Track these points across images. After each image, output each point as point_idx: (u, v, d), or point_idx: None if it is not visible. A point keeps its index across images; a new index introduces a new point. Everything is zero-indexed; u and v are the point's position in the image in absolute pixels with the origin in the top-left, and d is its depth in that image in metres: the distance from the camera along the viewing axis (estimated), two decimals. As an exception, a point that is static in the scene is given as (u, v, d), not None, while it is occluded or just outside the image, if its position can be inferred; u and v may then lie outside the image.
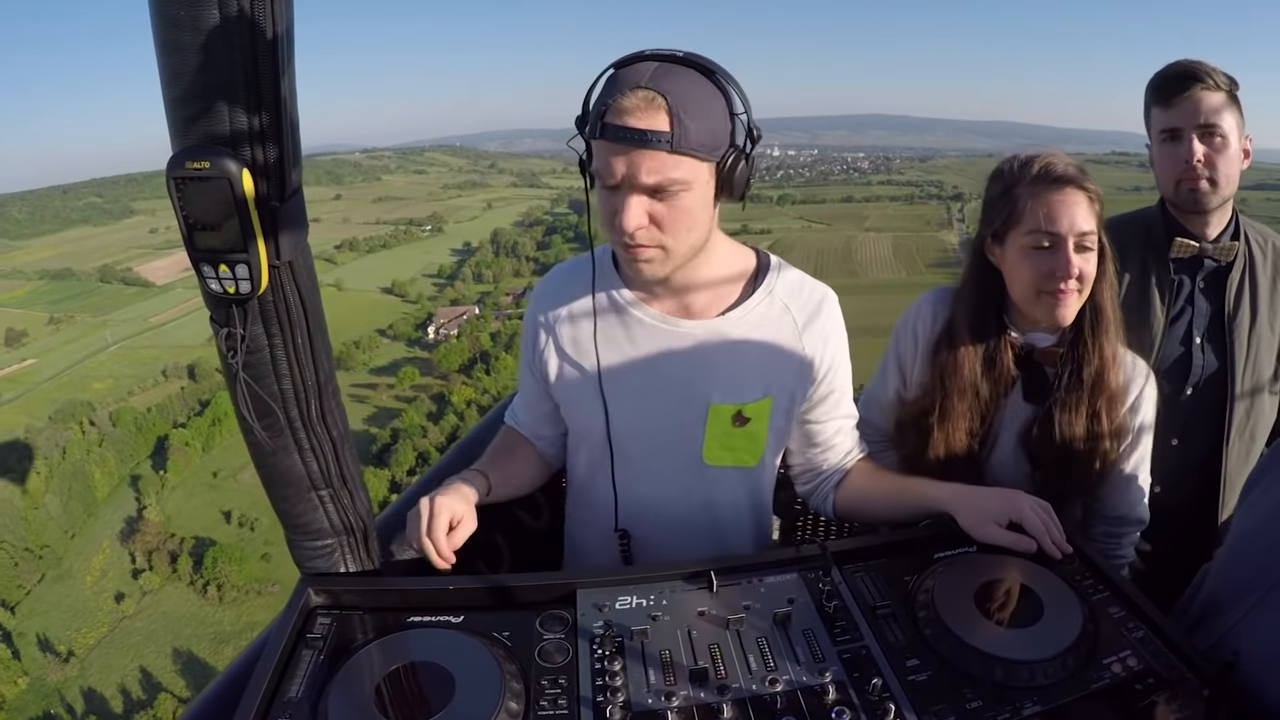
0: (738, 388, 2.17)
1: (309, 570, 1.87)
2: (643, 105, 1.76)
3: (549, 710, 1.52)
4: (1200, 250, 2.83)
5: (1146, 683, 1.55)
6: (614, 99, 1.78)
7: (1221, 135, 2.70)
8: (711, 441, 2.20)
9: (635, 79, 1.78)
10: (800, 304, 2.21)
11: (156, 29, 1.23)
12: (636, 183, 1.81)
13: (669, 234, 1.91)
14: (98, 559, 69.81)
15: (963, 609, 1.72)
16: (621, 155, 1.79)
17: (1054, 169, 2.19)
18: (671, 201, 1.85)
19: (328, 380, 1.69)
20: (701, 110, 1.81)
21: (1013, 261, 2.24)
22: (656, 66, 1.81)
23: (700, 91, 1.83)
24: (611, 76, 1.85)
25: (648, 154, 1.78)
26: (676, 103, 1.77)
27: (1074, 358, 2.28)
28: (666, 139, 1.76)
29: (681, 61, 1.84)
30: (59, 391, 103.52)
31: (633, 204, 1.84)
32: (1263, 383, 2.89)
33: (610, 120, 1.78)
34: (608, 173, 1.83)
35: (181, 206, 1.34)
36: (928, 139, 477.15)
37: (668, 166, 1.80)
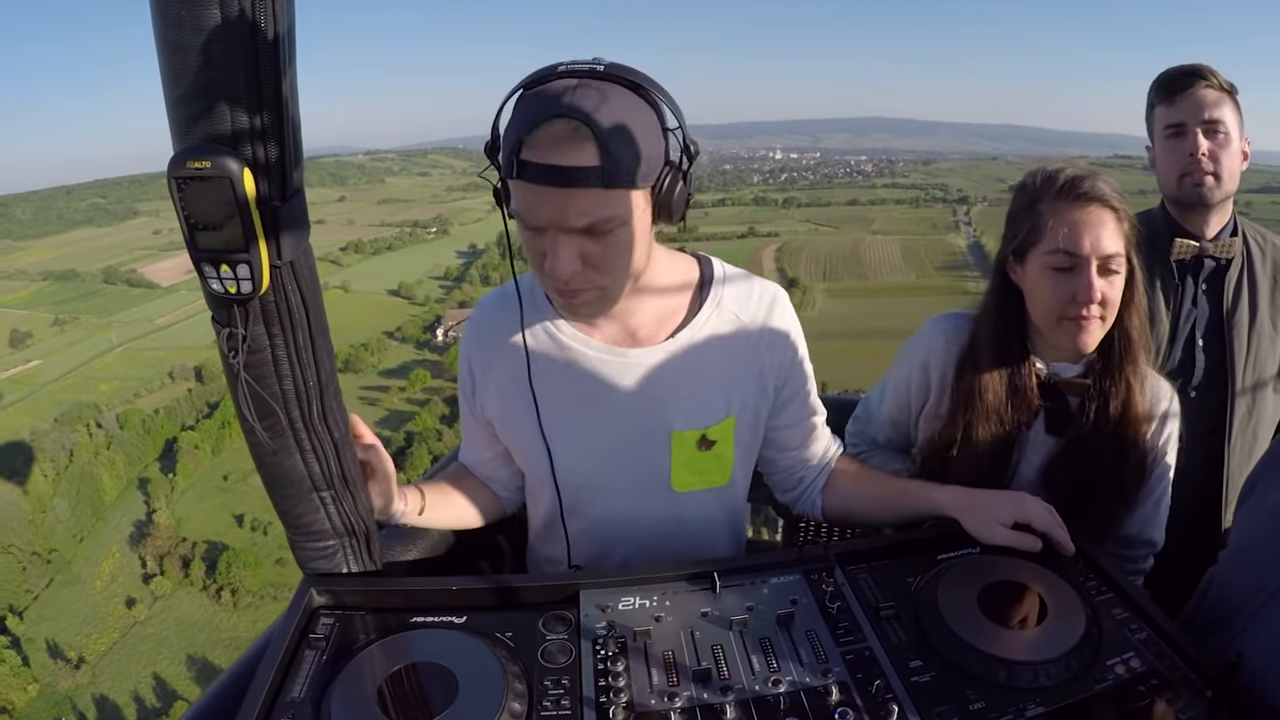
0: (699, 411, 2.07)
1: (311, 571, 1.87)
2: (565, 137, 1.57)
3: (552, 711, 1.52)
4: (1200, 250, 2.84)
5: (1150, 684, 1.54)
6: (530, 131, 1.58)
7: (1224, 131, 2.73)
8: (679, 469, 2.11)
9: (552, 105, 1.58)
10: (750, 311, 2.10)
11: (157, 28, 1.22)
12: (566, 226, 1.64)
13: (606, 274, 1.76)
14: (107, 563, 69.19)
15: (966, 610, 1.72)
16: (546, 198, 1.62)
17: (1079, 184, 2.06)
18: (606, 240, 1.69)
19: (329, 381, 1.68)
20: (631, 133, 1.62)
21: (1033, 281, 2.15)
22: (575, 86, 1.60)
23: (628, 111, 1.63)
24: (523, 101, 1.64)
25: (576, 194, 1.60)
26: (603, 130, 1.57)
27: (1101, 391, 2.18)
28: (596, 175, 1.58)
29: (603, 77, 1.63)
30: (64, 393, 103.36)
31: (563, 248, 1.68)
32: (1264, 380, 2.90)
33: (528, 158, 1.59)
34: (532, 216, 1.66)
35: (183, 206, 1.33)
36: (930, 142, 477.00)
37: (600, 205, 1.63)
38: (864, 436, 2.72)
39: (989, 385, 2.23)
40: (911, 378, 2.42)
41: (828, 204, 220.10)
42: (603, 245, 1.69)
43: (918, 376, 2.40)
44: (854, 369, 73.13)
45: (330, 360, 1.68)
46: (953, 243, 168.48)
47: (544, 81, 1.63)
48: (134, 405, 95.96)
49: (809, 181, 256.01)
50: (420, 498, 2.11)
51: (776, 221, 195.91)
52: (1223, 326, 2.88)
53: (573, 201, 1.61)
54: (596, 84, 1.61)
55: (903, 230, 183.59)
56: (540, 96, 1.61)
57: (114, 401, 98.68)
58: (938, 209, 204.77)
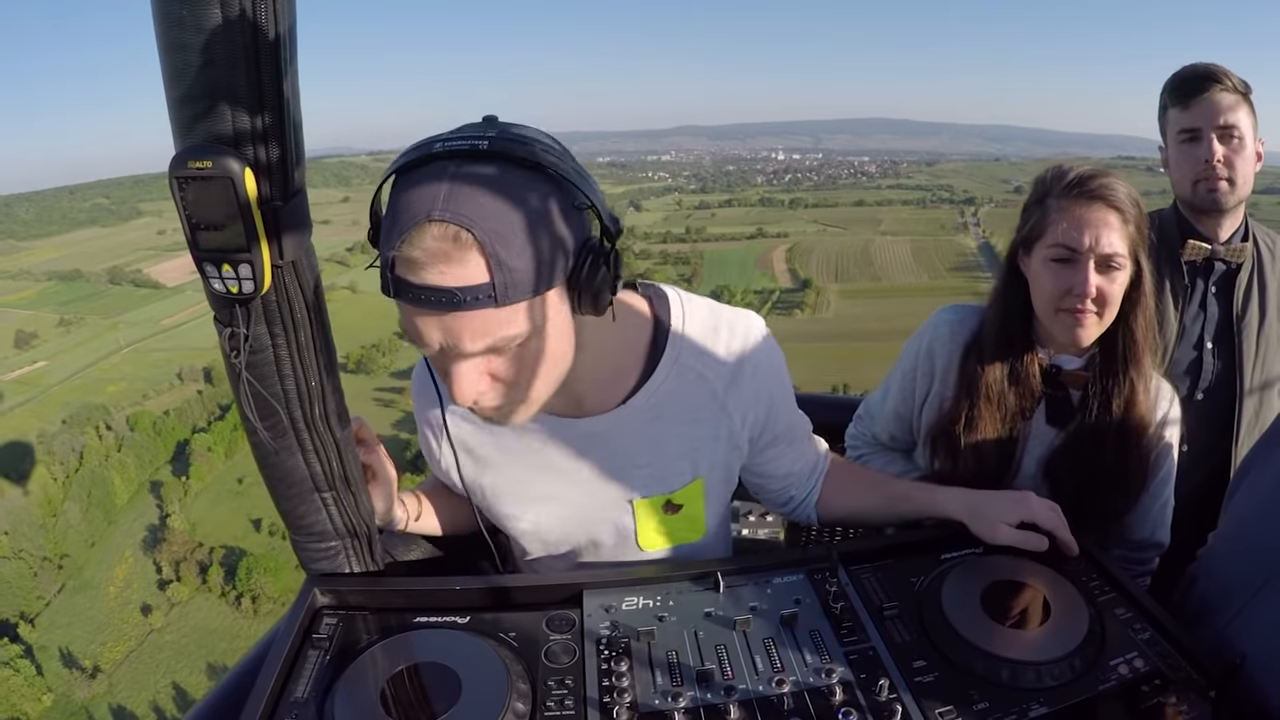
0: (661, 477, 1.93)
1: (314, 571, 1.87)
2: (445, 250, 1.32)
3: (555, 711, 1.52)
4: (1212, 253, 2.84)
5: (1153, 684, 1.54)
6: (403, 241, 1.33)
7: (1239, 136, 2.72)
8: (646, 533, 2.00)
9: (427, 204, 1.32)
10: (715, 366, 1.87)
11: (158, 28, 1.22)
12: (460, 352, 1.43)
13: (520, 388, 1.54)
14: (120, 569, 68.32)
15: (969, 610, 1.71)
16: (430, 322, 1.40)
17: (1087, 182, 2.10)
18: (514, 354, 1.48)
19: (331, 381, 1.68)
20: (529, 229, 1.36)
21: (1035, 273, 2.19)
22: (451, 179, 1.33)
23: (523, 199, 1.36)
24: (397, 193, 1.40)
25: (466, 316, 1.37)
26: (491, 234, 1.32)
27: (1102, 387, 2.21)
28: (488, 294, 1.34)
29: (489, 157, 1.36)
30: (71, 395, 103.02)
31: (463, 373, 1.47)
32: (1272, 382, 2.89)
33: (404, 275, 1.36)
34: (420, 340, 1.45)
35: (184, 206, 1.33)
36: (932, 143, 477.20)
37: (498, 325, 1.40)
38: (865, 437, 2.73)
39: (991, 371, 2.27)
40: (917, 366, 2.46)
41: (834, 205, 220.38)
42: (511, 360, 1.49)
43: (923, 364, 2.44)
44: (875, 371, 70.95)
45: (332, 360, 1.68)
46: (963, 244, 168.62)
47: (420, 164, 1.37)
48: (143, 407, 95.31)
49: (813, 182, 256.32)
50: (418, 503, 2.09)
51: (784, 222, 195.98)
52: (1231, 328, 2.87)
53: (464, 325, 1.38)
54: (481, 169, 1.35)
55: (911, 231, 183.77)
56: (415, 192, 1.35)
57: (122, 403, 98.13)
58: (945, 210, 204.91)
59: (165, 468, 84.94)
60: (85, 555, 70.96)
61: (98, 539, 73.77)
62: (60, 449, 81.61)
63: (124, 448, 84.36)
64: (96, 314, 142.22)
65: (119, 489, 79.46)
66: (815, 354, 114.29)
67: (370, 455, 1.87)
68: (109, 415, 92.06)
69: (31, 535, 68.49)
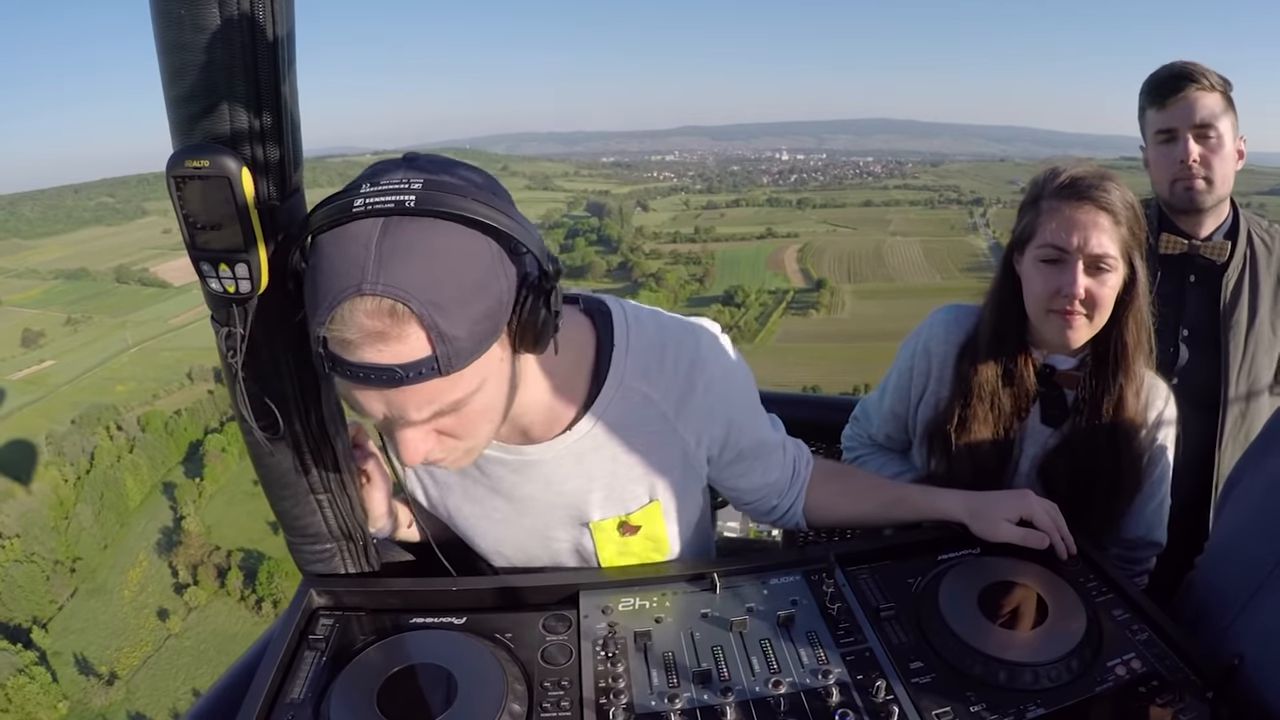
0: (615, 498, 1.88)
1: (310, 572, 1.87)
2: (381, 330, 1.24)
3: (552, 712, 1.52)
4: (1190, 248, 2.83)
5: (1150, 685, 1.54)
6: (333, 318, 1.24)
7: (1217, 135, 2.73)
8: (607, 556, 1.96)
9: (356, 276, 1.22)
10: (662, 387, 1.80)
11: (157, 28, 1.22)
12: (408, 421, 1.39)
13: (468, 438, 1.51)
14: (134, 572, 67.34)
15: (966, 611, 1.71)
16: (373, 397, 1.35)
17: (1078, 183, 2.11)
18: (460, 413, 1.43)
19: (327, 383, 1.68)
20: (466, 292, 1.29)
21: (1026, 273, 2.21)
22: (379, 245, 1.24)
23: (460, 259, 1.29)
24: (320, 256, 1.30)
25: (408, 392, 1.32)
26: (429, 307, 1.24)
27: (1094, 387, 2.22)
28: (430, 366, 1.28)
29: (414, 214, 1.26)
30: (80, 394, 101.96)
31: (410, 438, 1.43)
32: (1260, 386, 2.88)
33: (339, 354, 1.28)
34: (363, 412, 1.40)
35: (182, 206, 1.33)
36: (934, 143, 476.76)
37: (442, 393, 1.35)
38: (862, 438, 2.74)
39: (985, 370, 2.28)
40: (913, 366, 2.47)
41: (842, 205, 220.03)
42: (458, 418, 1.44)
43: (918, 364, 2.45)
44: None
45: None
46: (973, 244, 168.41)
47: (340, 221, 1.28)
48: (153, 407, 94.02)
49: (819, 183, 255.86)
50: (409, 512, 2.05)
51: (793, 222, 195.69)
52: (1218, 327, 2.87)
53: (408, 398, 1.33)
54: (410, 231, 1.26)
55: (921, 232, 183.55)
56: (340, 260, 1.25)
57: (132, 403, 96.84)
58: (953, 210, 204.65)
59: (178, 469, 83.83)
60: (98, 558, 69.79)
61: (110, 541, 72.61)
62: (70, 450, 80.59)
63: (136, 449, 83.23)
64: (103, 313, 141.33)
65: (131, 491, 78.40)
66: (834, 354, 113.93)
67: (367, 461, 1.86)
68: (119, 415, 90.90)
69: (43, 538, 67.45)
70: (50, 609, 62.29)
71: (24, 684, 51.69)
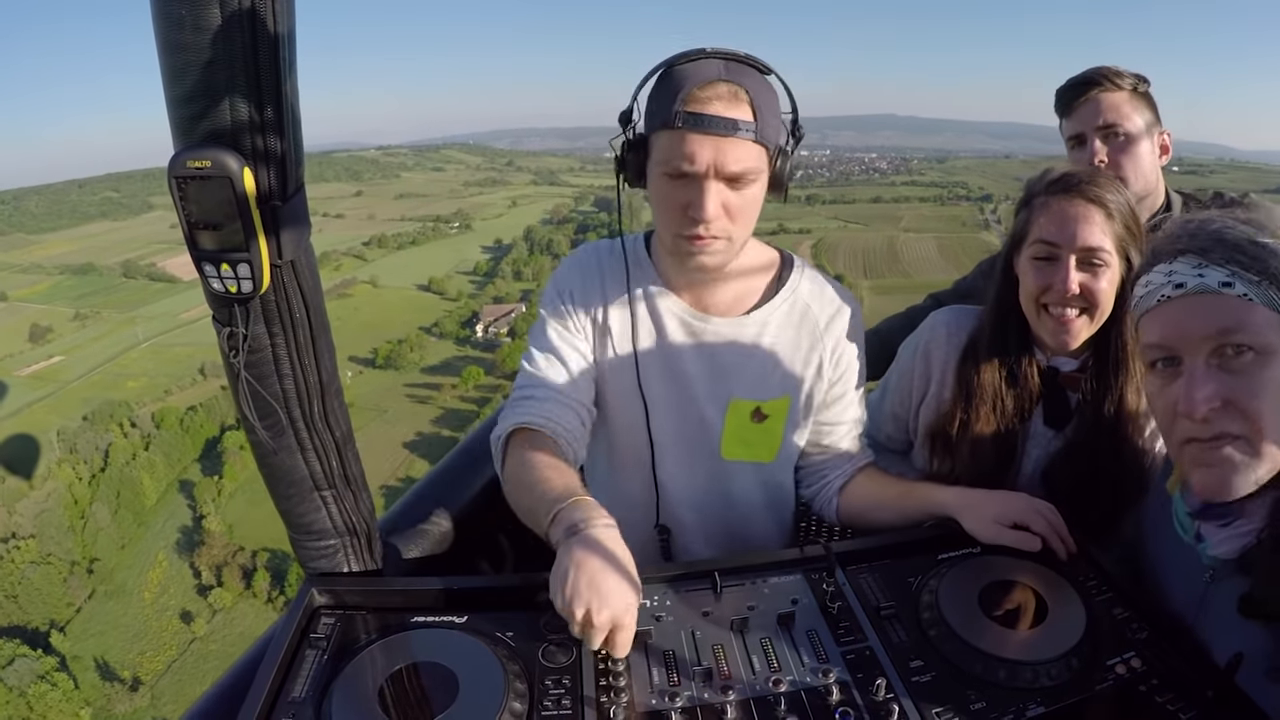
0: (758, 385, 2.21)
1: (312, 570, 1.87)
2: (726, 96, 1.82)
3: (553, 710, 1.52)
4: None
5: (1150, 684, 1.55)
6: (693, 90, 1.82)
7: (1124, 134, 2.71)
8: (729, 437, 2.23)
9: (712, 73, 1.84)
10: (822, 306, 2.26)
11: (158, 28, 1.23)
12: (723, 171, 1.84)
13: (737, 224, 1.95)
14: (154, 573, 65.41)
15: (966, 610, 1.72)
16: (707, 143, 1.82)
17: (1070, 179, 2.11)
18: (743, 191, 1.90)
19: (330, 380, 1.69)
20: (770, 106, 1.89)
21: (1021, 272, 2.19)
22: (727, 65, 1.86)
23: (767, 89, 1.90)
24: (677, 71, 1.87)
25: (734, 142, 1.82)
26: (756, 96, 1.84)
27: (1096, 389, 2.20)
28: (751, 129, 1.82)
29: (743, 60, 1.88)
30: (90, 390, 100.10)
31: (712, 191, 1.86)
32: None
33: (695, 109, 1.81)
34: (689, 161, 1.84)
35: (183, 205, 1.34)
36: (937, 140, 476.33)
37: (749, 156, 1.85)
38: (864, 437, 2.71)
39: (988, 373, 2.27)
40: (914, 367, 2.46)
41: (852, 201, 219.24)
42: (740, 196, 1.91)
43: (919, 365, 2.44)
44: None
45: (331, 359, 1.69)
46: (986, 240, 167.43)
47: (693, 59, 1.87)
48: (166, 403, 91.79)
49: (826, 179, 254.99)
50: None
51: (804, 218, 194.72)
52: None
53: (730, 149, 1.82)
54: (740, 64, 1.87)
55: (933, 228, 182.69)
56: (699, 66, 1.85)
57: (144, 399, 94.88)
58: (963, 207, 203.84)
59: (194, 466, 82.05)
60: (116, 558, 68.01)
61: (128, 541, 70.87)
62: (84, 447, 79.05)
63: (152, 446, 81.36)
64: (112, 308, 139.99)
65: (148, 489, 76.79)
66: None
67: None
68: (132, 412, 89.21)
69: (59, 538, 65.88)
70: (68, 611, 60.57)
71: (46, 692, 50.12)
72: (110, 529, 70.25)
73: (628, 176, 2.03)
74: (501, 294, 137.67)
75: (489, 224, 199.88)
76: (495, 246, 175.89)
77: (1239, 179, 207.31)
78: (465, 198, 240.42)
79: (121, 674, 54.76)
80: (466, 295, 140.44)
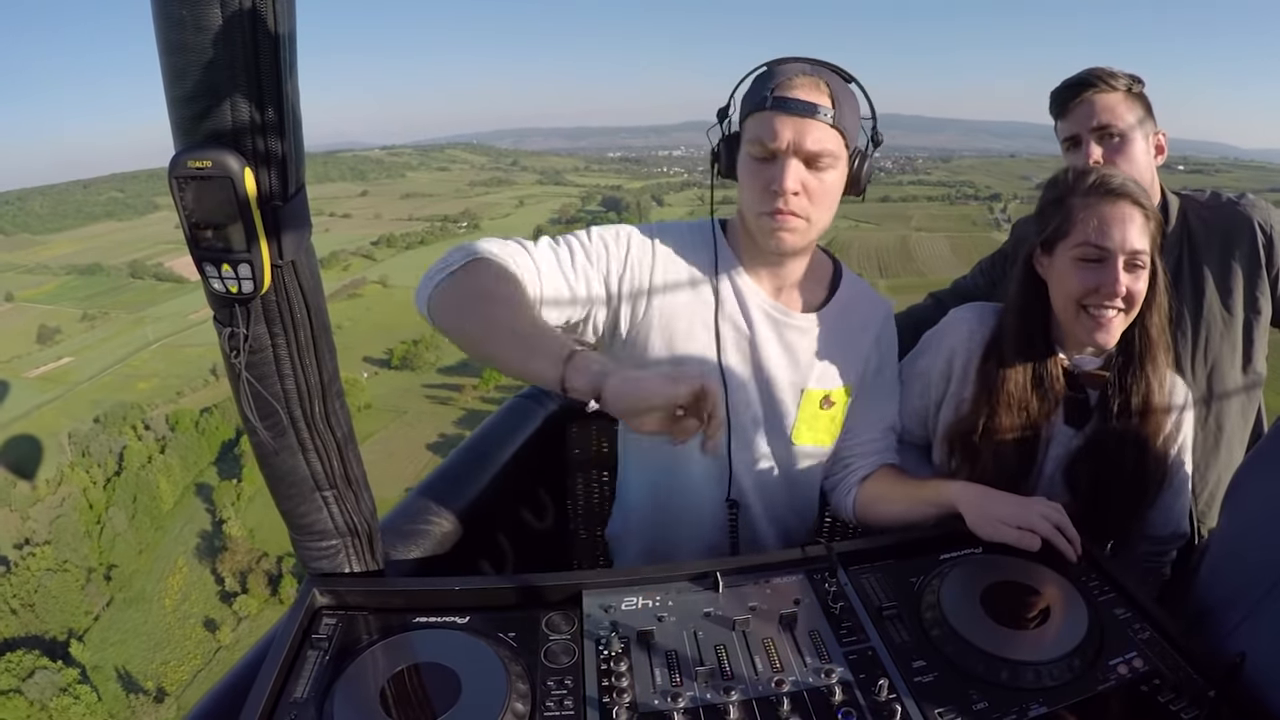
0: (827, 375, 2.36)
1: (314, 570, 1.88)
2: (809, 85, 2.02)
3: (555, 711, 1.52)
4: None
5: (1153, 684, 1.55)
6: (781, 80, 2.03)
7: (1119, 135, 2.71)
8: (801, 424, 2.37)
9: (800, 67, 2.06)
10: (868, 306, 2.46)
11: (159, 28, 1.23)
12: (802, 148, 2.01)
13: (815, 206, 2.09)
14: (174, 579, 64.08)
15: (969, 610, 1.72)
16: (789, 123, 2.00)
17: (1111, 181, 2.12)
18: (821, 175, 2.06)
19: (331, 381, 1.69)
20: (849, 103, 2.09)
21: (1059, 273, 2.18)
22: (811, 64, 2.08)
23: (846, 90, 2.10)
24: (771, 68, 2.10)
25: (814, 123, 2.00)
26: (836, 89, 2.05)
27: (1121, 386, 2.21)
28: (829, 113, 2.01)
29: (828, 65, 2.11)
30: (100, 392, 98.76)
31: (792, 170, 2.02)
32: (1222, 371, 2.84)
33: (781, 94, 2.01)
34: (774, 138, 2.01)
35: (184, 206, 1.34)
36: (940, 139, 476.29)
37: (828, 138, 2.02)
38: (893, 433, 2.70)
39: (1012, 375, 2.26)
40: (934, 365, 2.45)
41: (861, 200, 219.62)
42: (819, 180, 2.06)
43: (940, 364, 2.44)
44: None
45: (332, 359, 1.69)
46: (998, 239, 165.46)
47: (786, 61, 2.10)
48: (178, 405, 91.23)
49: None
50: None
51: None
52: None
53: (810, 129, 2.00)
54: (824, 67, 2.10)
55: (944, 227, 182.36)
56: (790, 64, 2.08)
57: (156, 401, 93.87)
58: (972, 206, 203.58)
59: (210, 469, 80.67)
60: (133, 564, 66.74)
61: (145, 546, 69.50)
62: (98, 450, 78.10)
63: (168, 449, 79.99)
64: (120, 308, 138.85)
65: (165, 493, 75.29)
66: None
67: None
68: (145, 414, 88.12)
69: (75, 544, 64.42)
70: (86, 620, 59.28)
71: (68, 705, 48.83)
72: (127, 534, 68.98)
73: (721, 168, 2.23)
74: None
75: (497, 223, 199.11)
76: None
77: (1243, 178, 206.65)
78: (472, 197, 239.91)
79: (145, 685, 53.63)
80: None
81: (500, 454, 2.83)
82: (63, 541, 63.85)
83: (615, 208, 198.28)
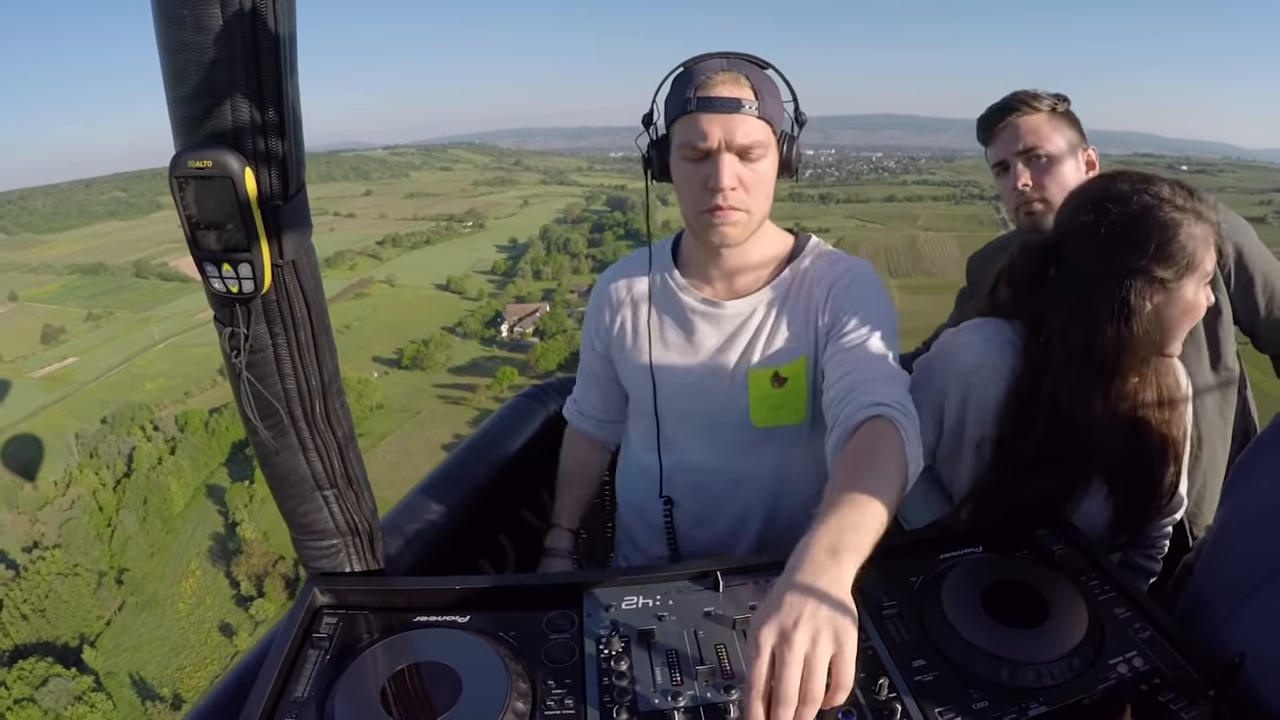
0: (772, 352, 2.32)
1: (315, 570, 1.88)
2: (730, 80, 2.05)
3: (555, 710, 1.52)
4: None
5: (1153, 683, 1.55)
6: (701, 79, 2.06)
7: (1045, 155, 2.73)
8: (755, 405, 2.33)
9: (716, 65, 2.09)
10: (832, 268, 2.35)
11: (159, 28, 1.23)
12: (733, 144, 2.04)
13: (753, 196, 2.14)
14: (188, 582, 62.90)
15: (969, 609, 1.72)
16: (717, 121, 2.03)
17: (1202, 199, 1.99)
18: (755, 166, 2.10)
19: (332, 380, 1.69)
20: (770, 92, 2.12)
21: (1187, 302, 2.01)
22: (727, 59, 2.12)
23: (765, 78, 2.14)
24: (688, 70, 2.13)
25: (740, 117, 2.04)
26: (756, 80, 2.09)
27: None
28: (753, 106, 2.04)
29: (743, 56, 2.14)
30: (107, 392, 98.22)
31: (727, 163, 2.06)
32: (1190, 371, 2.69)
33: (704, 94, 2.04)
34: (704, 139, 2.04)
35: (184, 205, 1.35)
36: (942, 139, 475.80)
37: (756, 130, 2.06)
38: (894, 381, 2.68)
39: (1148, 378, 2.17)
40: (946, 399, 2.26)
41: (866, 200, 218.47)
42: (752, 170, 2.10)
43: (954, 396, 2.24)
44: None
45: (333, 360, 1.69)
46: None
47: (700, 60, 2.13)
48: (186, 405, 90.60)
49: (835, 178, 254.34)
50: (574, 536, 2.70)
51: (820, 217, 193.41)
52: None
53: (738, 124, 2.04)
54: (739, 59, 2.13)
55: (951, 227, 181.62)
56: (706, 63, 2.11)
57: (164, 401, 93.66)
58: (978, 206, 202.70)
59: (221, 470, 79.74)
60: (145, 568, 65.56)
61: (157, 549, 68.41)
62: (106, 451, 77.40)
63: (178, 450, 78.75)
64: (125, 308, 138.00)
65: (175, 495, 74.14)
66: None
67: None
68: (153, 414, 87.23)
69: (86, 547, 63.44)
70: (98, 625, 58.01)
71: (84, 714, 47.65)
72: (139, 537, 68.13)
73: (654, 172, 2.24)
74: (523, 293, 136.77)
75: (502, 223, 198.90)
76: (511, 245, 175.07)
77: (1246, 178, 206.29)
78: (476, 197, 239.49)
79: (161, 691, 52.59)
80: (487, 294, 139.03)
81: (501, 453, 2.85)
82: (73, 544, 63.10)
83: (620, 207, 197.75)
